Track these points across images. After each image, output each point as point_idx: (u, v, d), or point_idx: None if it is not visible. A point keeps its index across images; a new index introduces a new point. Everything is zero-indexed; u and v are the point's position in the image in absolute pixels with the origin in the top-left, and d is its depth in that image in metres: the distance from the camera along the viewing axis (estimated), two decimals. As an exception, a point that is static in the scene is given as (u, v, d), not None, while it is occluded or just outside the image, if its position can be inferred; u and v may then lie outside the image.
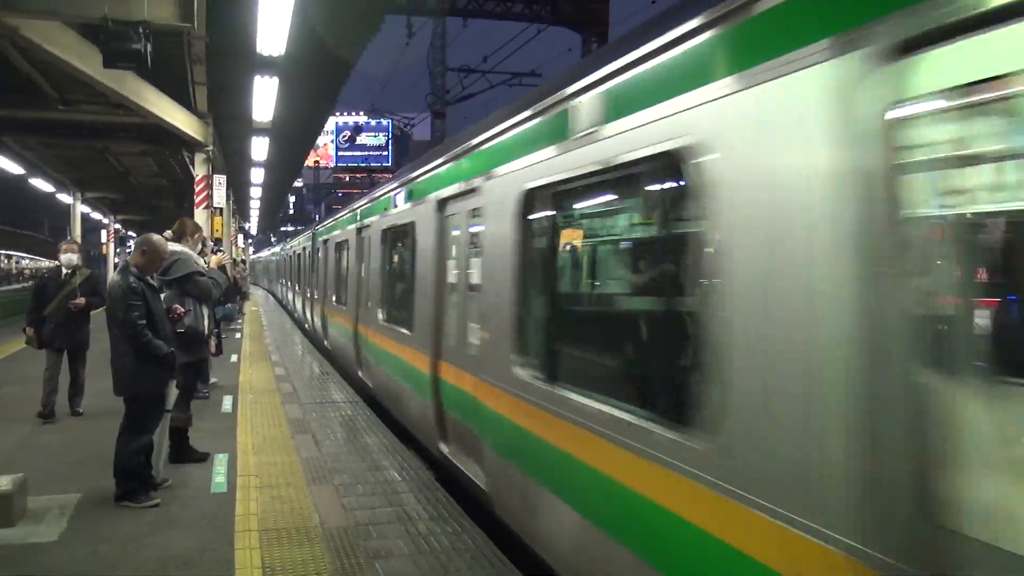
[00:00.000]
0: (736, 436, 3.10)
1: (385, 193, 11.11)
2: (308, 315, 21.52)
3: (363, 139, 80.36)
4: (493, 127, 6.18)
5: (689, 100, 3.45)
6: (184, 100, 16.25)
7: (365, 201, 13.23)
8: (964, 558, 2.25)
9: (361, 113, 75.54)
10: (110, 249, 40.45)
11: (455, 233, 7.48)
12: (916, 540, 2.34)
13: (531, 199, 5.34)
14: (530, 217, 5.40)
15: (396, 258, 10.55)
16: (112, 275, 7.87)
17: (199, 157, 18.12)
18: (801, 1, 2.88)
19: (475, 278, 6.71)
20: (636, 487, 3.84)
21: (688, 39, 3.51)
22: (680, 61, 3.59)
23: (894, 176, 2.45)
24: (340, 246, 15.47)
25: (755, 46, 3.06)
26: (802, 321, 2.77)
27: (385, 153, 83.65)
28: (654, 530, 3.69)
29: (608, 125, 4.18)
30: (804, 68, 2.77)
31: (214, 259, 9.66)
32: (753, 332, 3.02)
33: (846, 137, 2.61)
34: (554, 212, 5.23)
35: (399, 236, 10.15)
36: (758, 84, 3.01)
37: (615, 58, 4.16)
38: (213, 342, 8.86)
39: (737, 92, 3.13)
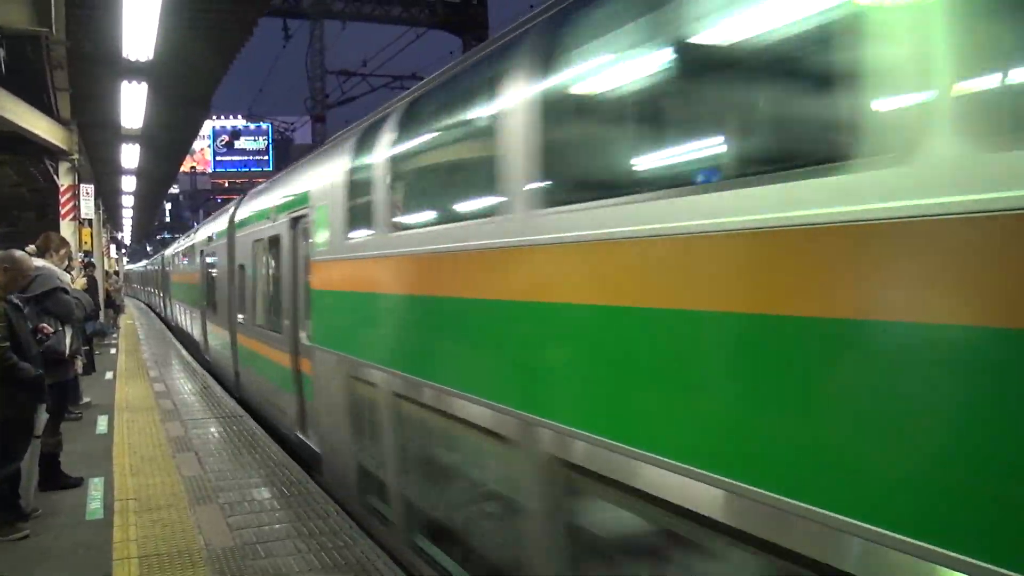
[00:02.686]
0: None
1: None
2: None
3: (243, 143, 78.28)
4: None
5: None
6: (45, 107, 15.44)
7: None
8: None
9: (239, 117, 73.53)
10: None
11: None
12: None
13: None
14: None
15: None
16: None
17: (64, 166, 17.25)
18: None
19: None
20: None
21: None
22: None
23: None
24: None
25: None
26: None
27: (266, 158, 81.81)
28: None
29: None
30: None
31: (78, 281, 9.23)
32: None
33: None
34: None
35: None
36: None
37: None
38: (80, 361, 8.44)
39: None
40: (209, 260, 16.61)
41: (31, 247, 7.74)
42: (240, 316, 12.26)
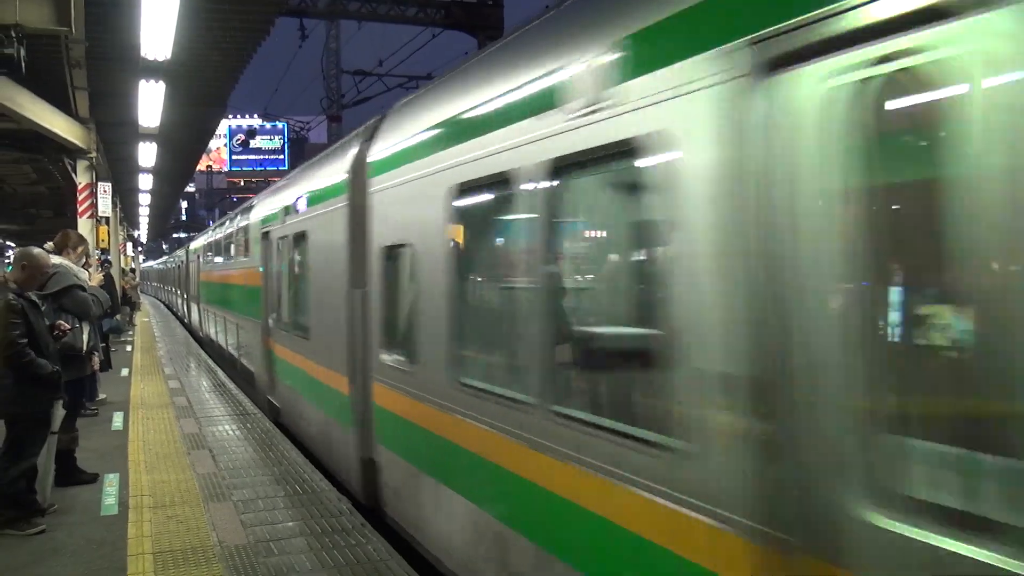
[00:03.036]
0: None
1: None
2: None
3: (258, 143, 78.60)
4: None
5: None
6: (64, 105, 15.57)
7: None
8: None
9: (255, 116, 73.86)
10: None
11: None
12: None
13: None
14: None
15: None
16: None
17: (81, 164, 17.40)
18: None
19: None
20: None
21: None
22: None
23: None
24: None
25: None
26: None
27: (281, 157, 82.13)
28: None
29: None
30: None
31: (95, 277, 9.28)
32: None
33: None
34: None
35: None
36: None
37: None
38: (97, 358, 8.49)
39: None
40: (287, 247, 10.21)
41: (49, 244, 7.80)
42: (397, 357, 6.11)
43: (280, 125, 77.11)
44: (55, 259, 7.27)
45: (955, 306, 2.29)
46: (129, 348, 19.33)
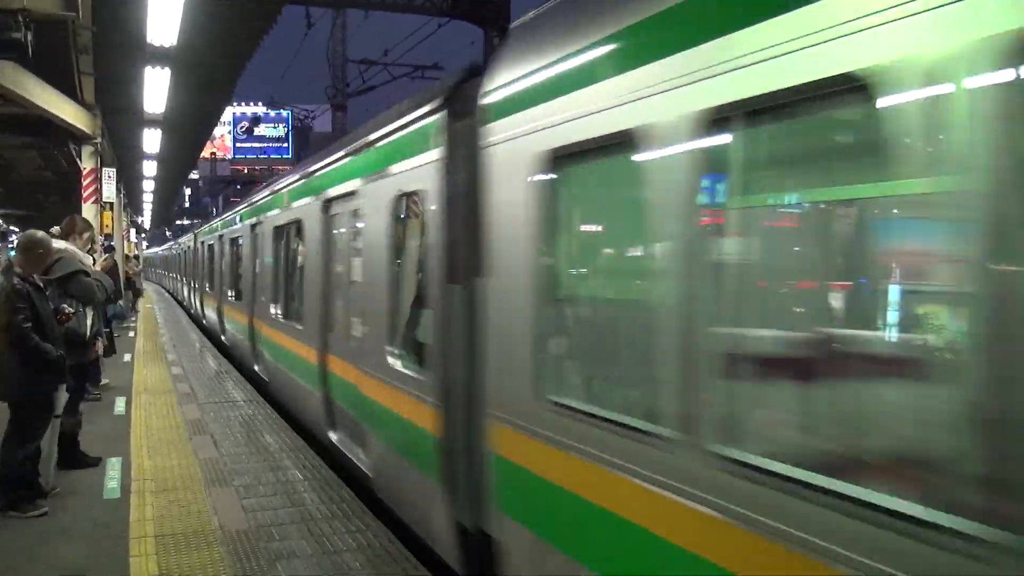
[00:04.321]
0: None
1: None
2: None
3: (262, 130, 78.48)
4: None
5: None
6: (70, 91, 15.57)
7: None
8: None
9: (259, 104, 73.76)
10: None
11: None
12: None
13: None
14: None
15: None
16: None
17: (87, 150, 17.39)
18: None
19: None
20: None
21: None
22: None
23: None
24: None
25: None
26: None
27: (285, 145, 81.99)
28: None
29: None
30: None
31: (100, 262, 9.31)
32: None
33: None
34: None
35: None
36: None
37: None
38: (101, 343, 8.53)
39: None
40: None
41: (55, 229, 7.84)
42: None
43: (284, 113, 76.99)
44: (60, 244, 7.32)
45: None
46: (132, 334, 19.39)
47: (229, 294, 16.31)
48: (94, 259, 8.84)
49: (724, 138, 2.85)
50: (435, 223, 5.20)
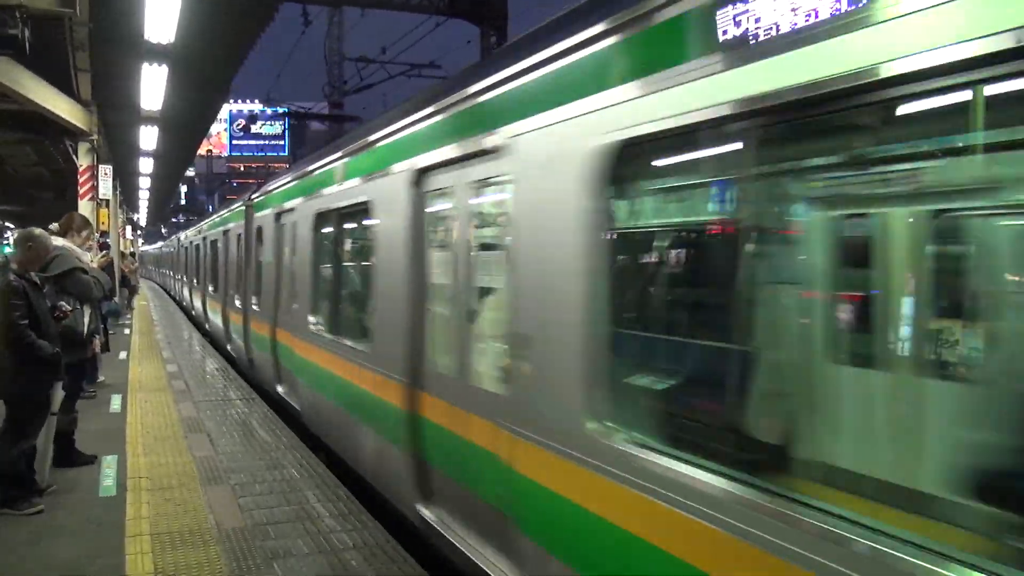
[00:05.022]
0: None
1: None
2: None
3: (259, 128, 78.50)
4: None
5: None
6: (66, 87, 15.53)
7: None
8: None
9: (256, 101, 73.67)
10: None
11: None
12: None
13: None
14: None
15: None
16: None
17: (83, 147, 17.37)
18: None
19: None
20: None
21: None
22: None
23: None
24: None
25: None
26: None
27: (282, 143, 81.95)
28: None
29: None
30: None
31: (97, 260, 9.28)
32: None
33: None
34: None
35: None
36: None
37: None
38: (98, 341, 8.50)
39: None
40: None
41: (54, 226, 7.82)
42: None
43: (281, 111, 77.01)
44: (58, 241, 7.30)
45: None
46: (128, 331, 19.35)
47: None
48: (91, 256, 8.80)
49: None
50: None
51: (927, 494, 2.76)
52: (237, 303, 13.68)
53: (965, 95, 2.40)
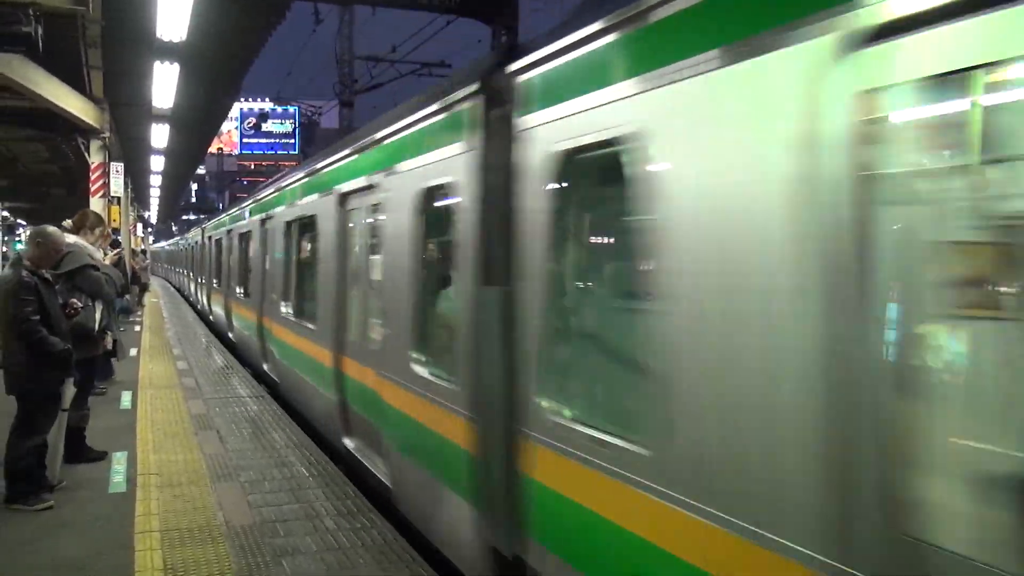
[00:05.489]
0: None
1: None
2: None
3: (269, 126, 78.83)
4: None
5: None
6: (79, 85, 15.61)
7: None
8: None
9: (267, 100, 73.86)
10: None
11: None
12: None
13: None
14: None
15: None
16: (3, 269, 7.53)
17: (95, 144, 17.44)
18: None
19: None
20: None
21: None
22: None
23: None
24: None
25: None
26: None
27: (292, 141, 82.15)
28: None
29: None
30: None
31: (108, 257, 9.31)
32: None
33: None
34: None
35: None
36: None
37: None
38: (110, 337, 8.52)
39: None
40: None
41: (67, 223, 7.84)
42: None
43: (292, 109, 77.16)
44: (70, 238, 7.32)
45: None
46: (138, 328, 19.41)
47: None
48: (105, 252, 8.83)
49: None
50: None
51: None
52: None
53: None
